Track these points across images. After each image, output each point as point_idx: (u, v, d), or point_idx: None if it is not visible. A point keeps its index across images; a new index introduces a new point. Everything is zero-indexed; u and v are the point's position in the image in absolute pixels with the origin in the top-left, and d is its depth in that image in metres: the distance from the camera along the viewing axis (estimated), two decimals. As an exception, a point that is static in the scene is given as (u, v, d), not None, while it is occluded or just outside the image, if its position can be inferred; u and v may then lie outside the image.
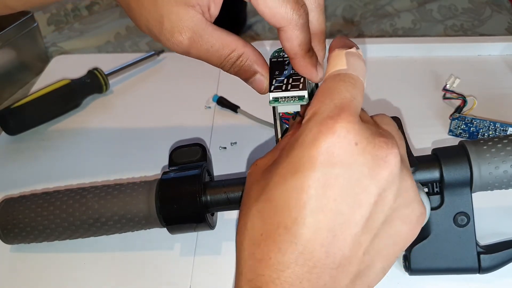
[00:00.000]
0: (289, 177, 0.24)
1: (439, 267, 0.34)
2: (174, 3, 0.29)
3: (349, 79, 0.26)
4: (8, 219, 0.37)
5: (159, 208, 0.35)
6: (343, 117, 0.24)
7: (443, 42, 0.61)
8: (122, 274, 0.38)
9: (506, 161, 0.32)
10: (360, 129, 0.24)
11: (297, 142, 0.25)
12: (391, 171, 0.24)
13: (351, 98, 0.25)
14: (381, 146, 0.24)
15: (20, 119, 0.52)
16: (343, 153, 0.24)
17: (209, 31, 0.30)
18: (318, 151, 0.24)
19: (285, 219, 0.24)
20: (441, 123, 0.50)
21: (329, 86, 0.26)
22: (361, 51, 0.28)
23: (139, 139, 0.51)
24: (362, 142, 0.24)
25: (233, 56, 0.31)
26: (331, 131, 0.24)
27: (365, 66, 0.28)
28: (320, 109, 0.25)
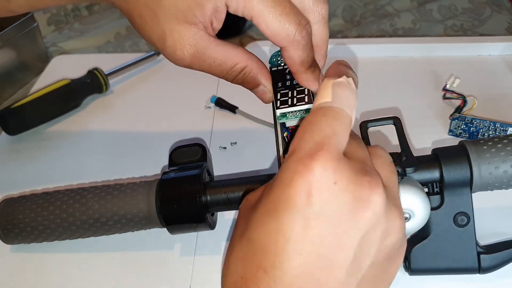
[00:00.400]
0: (267, 218, 0.23)
1: (439, 267, 0.34)
2: (176, 21, 0.29)
3: (332, 113, 0.25)
4: (8, 219, 0.37)
5: (159, 208, 0.35)
6: (321, 154, 0.23)
7: (443, 42, 0.61)
8: (122, 274, 0.38)
9: (506, 161, 0.32)
10: (340, 167, 0.23)
11: (276, 181, 0.24)
12: (374, 212, 0.23)
13: (332, 133, 0.24)
14: (363, 185, 0.23)
15: (20, 119, 0.52)
16: (321, 193, 0.22)
17: (211, 46, 0.30)
18: (295, 191, 0.23)
19: (264, 263, 0.23)
20: (441, 123, 0.50)
21: (310, 121, 0.25)
22: (352, 80, 0.27)
23: (139, 139, 0.51)
24: (342, 181, 0.23)
25: (236, 70, 0.31)
26: (307, 169, 0.23)
27: (355, 97, 0.26)
28: (299, 146, 0.24)
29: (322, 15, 0.30)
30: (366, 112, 0.51)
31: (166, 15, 0.28)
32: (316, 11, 0.29)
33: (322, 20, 0.30)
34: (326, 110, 0.25)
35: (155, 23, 0.29)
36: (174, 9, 0.28)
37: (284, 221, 0.23)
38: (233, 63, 0.30)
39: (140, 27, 0.30)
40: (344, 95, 0.26)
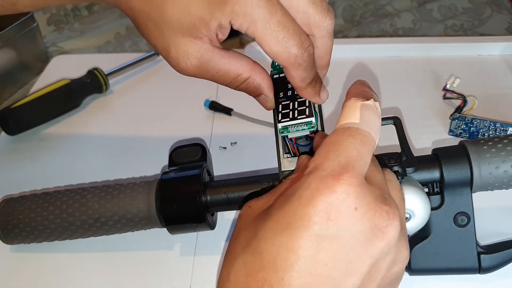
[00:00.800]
0: (280, 232, 0.23)
1: (439, 267, 0.34)
2: (180, 34, 0.29)
3: (360, 135, 0.25)
4: (8, 219, 0.37)
5: (159, 208, 0.35)
6: (346, 178, 0.23)
7: (443, 42, 0.61)
8: (122, 274, 0.38)
9: (507, 161, 0.32)
10: (362, 192, 0.23)
11: (294, 196, 0.24)
12: (388, 242, 0.23)
13: (358, 157, 0.24)
14: (382, 215, 0.23)
15: (20, 119, 0.52)
16: (340, 217, 0.22)
17: (216, 59, 0.30)
18: (314, 210, 0.22)
19: (270, 277, 0.23)
20: (441, 123, 0.50)
21: (336, 140, 0.25)
22: (378, 104, 0.27)
23: (139, 139, 0.51)
24: (362, 208, 0.23)
25: (239, 80, 0.31)
26: (330, 190, 0.22)
27: (380, 121, 0.26)
28: (323, 165, 0.24)
29: (327, 30, 0.29)
30: (366, 112, 0.51)
31: (171, 29, 0.29)
32: (322, 26, 0.29)
33: (327, 35, 0.30)
34: (353, 132, 0.25)
35: (159, 34, 0.29)
36: (178, 24, 0.28)
37: (298, 239, 0.22)
38: (236, 74, 0.31)
39: (145, 35, 0.31)
40: (371, 119, 0.26)
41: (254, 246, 0.24)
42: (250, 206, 0.28)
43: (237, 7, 0.27)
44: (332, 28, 0.30)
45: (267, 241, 0.23)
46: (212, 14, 0.27)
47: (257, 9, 0.27)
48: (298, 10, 0.28)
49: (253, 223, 0.26)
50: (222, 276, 0.25)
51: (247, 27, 0.28)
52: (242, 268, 0.24)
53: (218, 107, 0.53)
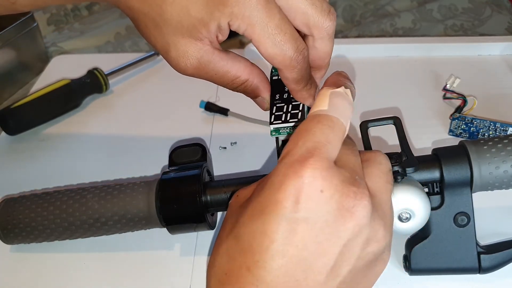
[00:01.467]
0: (255, 219, 0.24)
1: (439, 267, 0.34)
2: (180, 35, 0.29)
3: (327, 121, 0.26)
4: (8, 219, 0.37)
5: (159, 208, 0.35)
6: (312, 162, 0.24)
7: (443, 42, 0.61)
8: (122, 274, 0.38)
9: (507, 161, 0.32)
10: (329, 175, 0.24)
11: (267, 183, 0.25)
12: (357, 222, 0.24)
13: (325, 141, 0.25)
14: (349, 195, 0.24)
15: (20, 119, 0.52)
16: (308, 200, 0.23)
17: (215, 60, 0.30)
18: (284, 195, 0.24)
19: (247, 261, 0.24)
20: (441, 123, 0.50)
21: (305, 127, 0.26)
22: (349, 91, 0.27)
23: (139, 139, 0.51)
24: (329, 190, 0.24)
25: (237, 82, 0.31)
26: (297, 175, 0.24)
27: (351, 108, 0.27)
28: (292, 151, 0.25)
29: (327, 31, 0.29)
30: (366, 112, 0.51)
31: (170, 29, 0.29)
32: (322, 27, 0.29)
33: (327, 36, 0.30)
34: (321, 118, 0.26)
35: (159, 34, 0.29)
36: (179, 25, 0.28)
37: (270, 223, 0.24)
38: (234, 77, 0.31)
39: (145, 35, 0.31)
40: (340, 105, 0.27)
41: (235, 232, 0.25)
42: (238, 195, 0.29)
43: (236, 9, 0.27)
44: (333, 29, 0.30)
45: (245, 227, 0.25)
46: (211, 15, 0.27)
47: (256, 12, 0.27)
48: (297, 11, 0.28)
49: (237, 210, 0.27)
50: (210, 262, 0.27)
51: (245, 29, 0.28)
52: (225, 254, 0.26)
53: (214, 108, 0.53)
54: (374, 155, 0.29)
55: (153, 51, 0.63)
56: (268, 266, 0.24)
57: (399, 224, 0.31)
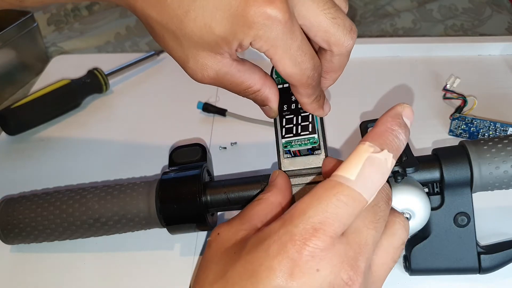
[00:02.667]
0: (246, 279, 0.24)
1: (439, 267, 0.34)
2: (201, 48, 0.28)
3: (346, 197, 0.24)
4: (8, 219, 0.37)
5: (159, 208, 0.35)
6: (314, 241, 0.23)
7: (443, 42, 0.61)
8: (122, 274, 0.38)
9: (507, 161, 0.32)
10: (329, 255, 0.24)
11: (263, 245, 0.25)
12: None
13: (335, 220, 0.24)
14: (342, 279, 0.24)
15: (20, 119, 0.52)
16: (301, 276, 0.23)
17: (232, 72, 0.30)
18: (279, 265, 0.24)
19: None
20: (442, 123, 0.50)
21: (320, 196, 0.25)
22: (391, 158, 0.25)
23: (139, 139, 0.51)
24: (324, 270, 0.24)
25: (249, 91, 0.31)
26: (296, 250, 0.23)
27: (384, 179, 0.25)
28: (297, 220, 0.24)
29: (347, 49, 0.29)
30: (366, 112, 0.51)
31: (191, 43, 0.28)
32: (343, 45, 0.29)
33: (346, 53, 0.30)
34: (340, 191, 0.24)
35: (177, 46, 0.29)
36: (200, 41, 0.28)
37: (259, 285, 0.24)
38: (248, 86, 0.31)
39: (161, 43, 0.30)
40: (371, 178, 0.25)
41: (222, 286, 0.25)
42: (219, 233, 0.29)
43: (262, 32, 0.26)
44: (352, 47, 0.29)
45: (234, 285, 0.25)
46: (235, 35, 0.27)
47: (281, 35, 0.27)
48: (319, 29, 0.28)
49: (222, 257, 0.27)
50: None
51: (267, 49, 0.28)
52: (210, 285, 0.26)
53: (212, 109, 0.53)
54: (393, 223, 0.28)
55: (153, 51, 0.63)
56: None
57: (399, 224, 0.31)
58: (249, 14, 0.26)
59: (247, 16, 0.26)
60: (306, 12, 0.27)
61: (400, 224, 0.28)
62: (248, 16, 0.26)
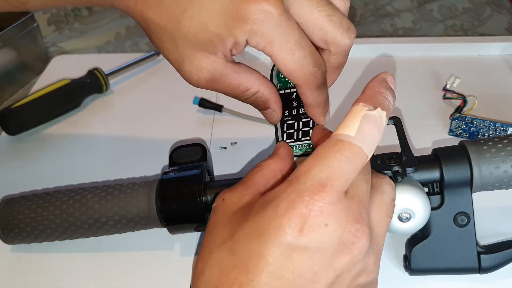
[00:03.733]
0: (254, 238, 0.24)
1: (439, 267, 0.34)
2: (195, 49, 0.29)
3: (349, 152, 0.25)
4: (8, 219, 0.37)
5: (159, 208, 0.35)
6: (322, 196, 0.24)
7: (443, 42, 0.61)
8: (122, 274, 0.38)
9: (507, 161, 0.32)
10: (336, 210, 0.24)
11: (271, 204, 0.25)
12: (353, 258, 0.24)
13: (341, 175, 0.24)
14: (351, 232, 0.24)
15: (20, 119, 0.51)
16: (310, 231, 0.24)
17: (228, 73, 0.30)
18: (288, 221, 0.24)
19: (241, 278, 0.24)
20: (441, 123, 0.50)
21: (324, 154, 0.25)
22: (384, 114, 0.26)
23: (139, 139, 0.51)
24: (333, 225, 0.24)
25: (248, 94, 0.31)
26: (305, 206, 0.24)
27: (381, 133, 0.26)
28: (304, 178, 0.24)
29: (345, 48, 0.29)
30: (366, 112, 0.51)
31: (186, 43, 0.28)
32: (340, 44, 0.29)
33: (343, 53, 0.30)
34: (343, 146, 0.25)
35: (174, 47, 0.29)
36: (195, 40, 0.28)
37: (270, 246, 0.24)
38: (245, 88, 0.31)
39: (158, 47, 0.30)
40: (370, 133, 0.25)
41: (229, 247, 0.25)
42: (224, 199, 0.29)
43: (256, 27, 0.27)
44: (350, 46, 0.29)
45: (242, 244, 0.25)
46: (230, 31, 0.27)
47: (275, 29, 0.27)
48: (315, 27, 0.28)
49: (229, 221, 0.27)
50: (197, 270, 0.26)
51: (264, 46, 0.28)
52: (216, 265, 0.25)
53: (208, 105, 0.53)
54: (380, 183, 0.28)
55: (153, 51, 0.63)
56: (261, 286, 0.24)
57: (399, 224, 0.31)
58: (243, 10, 0.26)
59: (241, 12, 0.26)
60: (300, 10, 0.28)
61: (386, 184, 0.29)
62: (242, 11, 0.26)
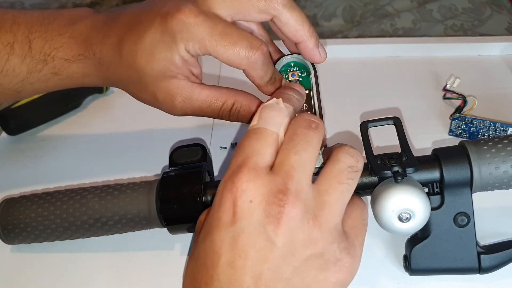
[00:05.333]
0: (206, 238, 0.27)
1: (439, 267, 0.34)
2: (158, 80, 0.32)
3: (254, 133, 0.28)
4: (8, 219, 0.37)
5: (160, 208, 0.35)
6: (240, 175, 0.26)
7: (443, 42, 0.61)
8: (123, 274, 0.38)
9: (507, 161, 0.32)
10: (257, 185, 0.26)
11: (213, 202, 0.28)
12: (285, 227, 0.25)
13: (253, 153, 0.27)
14: (274, 202, 0.25)
15: (21, 119, 0.51)
16: (240, 212, 0.25)
17: (196, 91, 0.33)
18: (223, 211, 0.26)
19: (205, 277, 0.26)
20: (441, 123, 0.50)
21: (239, 144, 0.28)
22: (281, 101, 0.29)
23: (139, 139, 0.51)
24: (256, 199, 0.25)
25: (227, 107, 0.34)
26: (230, 191, 0.26)
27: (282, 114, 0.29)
28: (229, 170, 0.27)
29: (281, 3, 0.32)
30: (366, 113, 0.51)
31: (149, 78, 0.32)
32: (271, 6, 0.31)
33: (284, 8, 0.32)
34: (250, 132, 0.28)
35: (143, 88, 0.33)
36: (153, 72, 0.32)
37: (216, 240, 0.26)
38: (221, 102, 0.33)
39: (132, 94, 0.35)
40: (268, 115, 0.28)
41: (194, 254, 0.28)
42: (200, 221, 0.31)
43: (184, 34, 0.30)
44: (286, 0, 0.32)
45: (200, 247, 0.27)
46: (170, 49, 0.31)
47: (198, 28, 0.30)
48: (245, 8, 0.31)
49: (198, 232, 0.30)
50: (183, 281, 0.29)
51: (199, 48, 0.31)
52: (189, 274, 0.28)
53: None
54: (336, 152, 0.29)
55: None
56: (221, 278, 0.25)
57: (399, 225, 0.31)
58: (169, 27, 0.31)
59: (168, 30, 0.31)
60: None
61: (342, 152, 0.29)
62: (169, 29, 0.31)
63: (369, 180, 0.33)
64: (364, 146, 0.34)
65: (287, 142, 0.28)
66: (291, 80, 0.36)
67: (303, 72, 0.36)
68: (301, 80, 0.36)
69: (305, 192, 0.26)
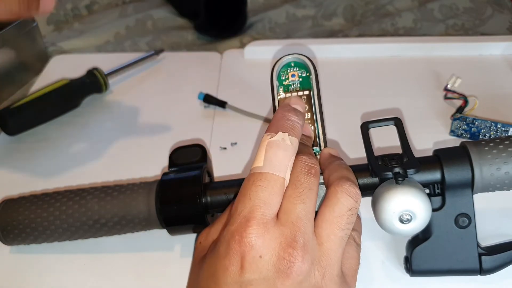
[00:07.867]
0: (210, 279, 0.27)
1: (440, 268, 0.34)
2: None
3: (261, 180, 0.27)
4: (7, 220, 0.37)
5: (159, 209, 0.35)
6: (248, 231, 0.26)
7: (444, 42, 0.60)
8: (122, 275, 0.38)
9: (508, 162, 0.32)
10: (266, 240, 0.26)
11: (216, 248, 0.27)
12: (293, 281, 0.26)
13: (260, 204, 0.26)
14: (284, 258, 0.25)
15: (20, 119, 0.51)
16: (248, 265, 0.26)
17: None
18: (230, 262, 0.26)
19: None
20: (442, 123, 0.50)
21: (243, 190, 0.27)
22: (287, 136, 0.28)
23: (139, 139, 0.51)
24: (266, 255, 0.26)
25: None
26: (238, 245, 0.26)
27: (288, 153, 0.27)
28: (232, 218, 0.27)
29: None
30: (367, 113, 0.51)
31: None
32: None
33: None
34: (256, 178, 0.27)
35: None
36: None
37: (222, 285, 0.26)
38: None
39: None
40: (275, 157, 0.27)
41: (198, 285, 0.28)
42: (200, 243, 0.31)
43: None
44: None
45: (203, 286, 0.28)
46: None
47: None
48: None
49: (199, 263, 0.30)
50: None
51: None
52: None
53: (212, 101, 0.53)
54: (334, 193, 0.28)
55: (153, 51, 0.63)
56: None
57: (400, 226, 0.31)
58: None
59: None
60: None
61: (342, 193, 0.28)
62: None
63: (370, 181, 0.33)
64: (365, 147, 0.34)
65: (291, 189, 0.27)
66: (291, 80, 0.35)
67: (303, 72, 0.36)
68: (301, 80, 0.36)
69: (311, 242, 0.27)
